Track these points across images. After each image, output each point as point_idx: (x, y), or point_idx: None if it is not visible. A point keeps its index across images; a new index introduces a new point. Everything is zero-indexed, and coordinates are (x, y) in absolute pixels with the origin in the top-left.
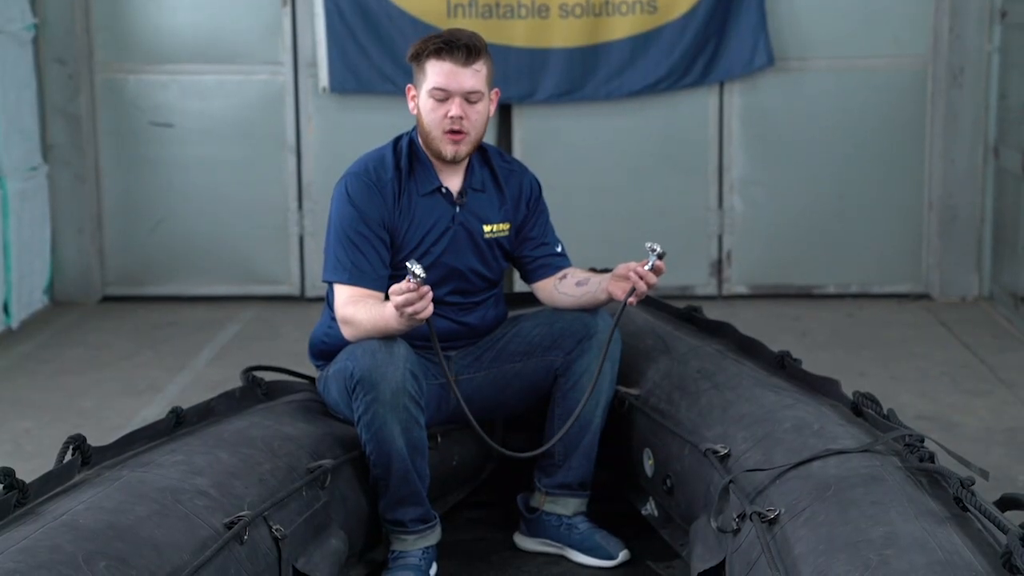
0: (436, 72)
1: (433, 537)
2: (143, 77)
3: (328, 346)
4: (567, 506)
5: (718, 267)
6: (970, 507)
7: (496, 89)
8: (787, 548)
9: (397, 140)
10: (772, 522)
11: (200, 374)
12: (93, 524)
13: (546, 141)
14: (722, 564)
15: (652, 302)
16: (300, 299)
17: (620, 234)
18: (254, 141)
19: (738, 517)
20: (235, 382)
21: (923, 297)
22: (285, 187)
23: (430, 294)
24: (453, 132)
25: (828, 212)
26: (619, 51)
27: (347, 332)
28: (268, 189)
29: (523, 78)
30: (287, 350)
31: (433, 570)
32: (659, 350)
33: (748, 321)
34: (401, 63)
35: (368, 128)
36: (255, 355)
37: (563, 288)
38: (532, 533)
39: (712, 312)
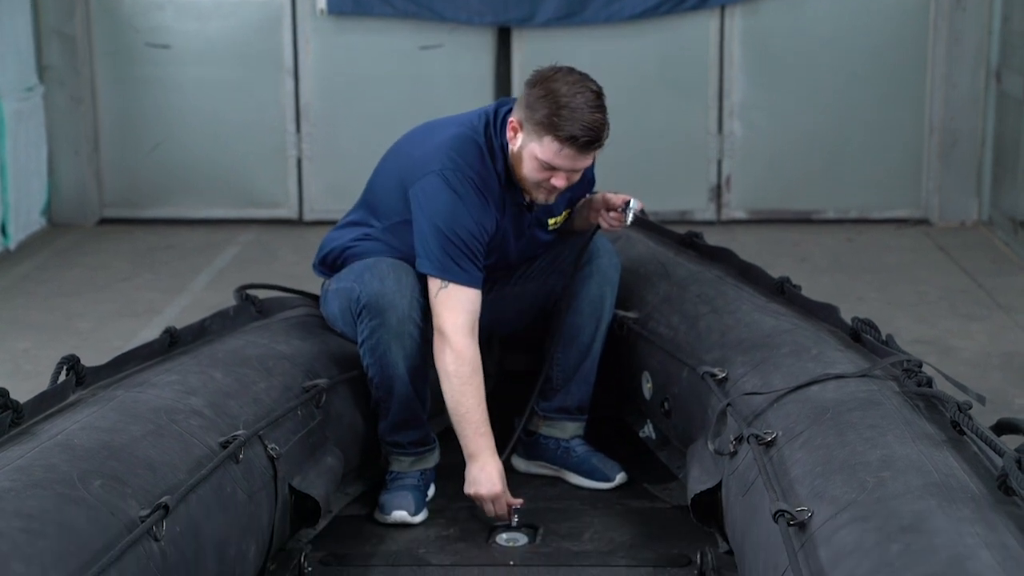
0: (553, 153)
1: (432, 460)
2: None
3: (340, 260)
4: (564, 430)
5: (717, 192)
6: (967, 431)
7: None
8: (784, 470)
9: (488, 132)
10: (769, 444)
11: (198, 297)
12: (88, 443)
13: (545, 64)
14: (718, 486)
15: (653, 227)
16: (298, 222)
17: (620, 158)
18: (251, 63)
19: (735, 440)
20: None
21: (922, 222)
22: (283, 109)
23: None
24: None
25: (828, 136)
26: None
27: (445, 355)
28: (265, 111)
29: (523, 1)
30: (285, 273)
31: (431, 491)
32: (659, 275)
33: (747, 246)
34: None
35: (366, 50)
36: (253, 278)
37: None
38: (530, 456)
39: (710, 237)
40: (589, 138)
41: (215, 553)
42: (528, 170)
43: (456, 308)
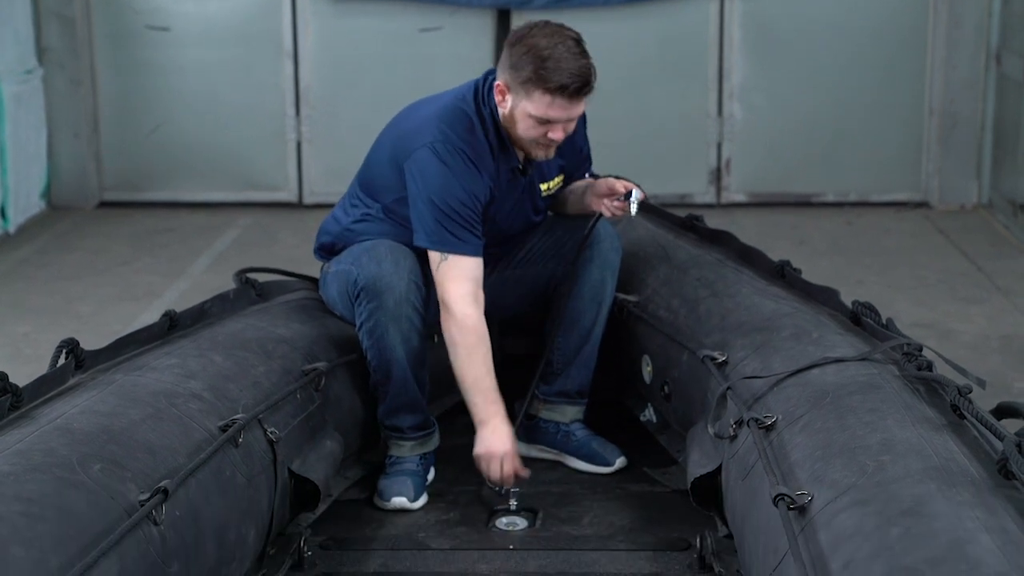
0: (545, 106)
1: (431, 443)
2: None
3: (340, 243)
4: (564, 414)
5: (717, 175)
6: (967, 415)
7: None
8: (784, 454)
9: (477, 101)
10: (769, 428)
11: (198, 280)
12: (87, 427)
13: None
14: (718, 470)
15: (653, 210)
16: (298, 206)
17: (620, 141)
18: (251, 45)
19: (735, 423)
20: None
21: (922, 205)
22: (282, 92)
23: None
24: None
25: (828, 119)
26: None
27: (450, 326)
28: (265, 94)
29: None
30: (285, 256)
31: (431, 475)
32: (659, 258)
33: (746, 229)
34: None
35: (366, 33)
36: (253, 261)
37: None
38: (530, 440)
39: (710, 220)
40: (578, 84)
41: (215, 537)
42: (523, 129)
43: (458, 278)
